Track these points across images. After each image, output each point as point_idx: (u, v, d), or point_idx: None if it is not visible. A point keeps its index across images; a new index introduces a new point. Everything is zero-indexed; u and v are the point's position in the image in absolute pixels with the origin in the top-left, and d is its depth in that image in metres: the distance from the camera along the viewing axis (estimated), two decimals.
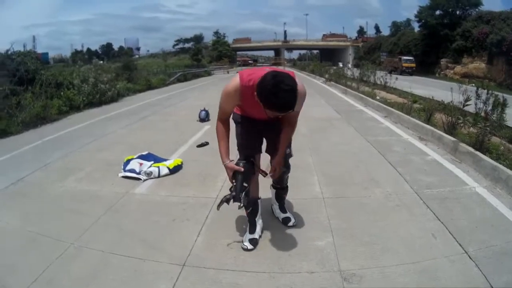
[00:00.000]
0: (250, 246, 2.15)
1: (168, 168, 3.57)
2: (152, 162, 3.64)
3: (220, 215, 2.60)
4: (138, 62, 22.59)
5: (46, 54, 44.39)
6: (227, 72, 31.33)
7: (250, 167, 2.01)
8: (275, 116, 1.80)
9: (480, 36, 23.15)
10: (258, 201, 2.28)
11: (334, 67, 21.87)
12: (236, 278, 1.89)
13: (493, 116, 4.45)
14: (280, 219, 2.48)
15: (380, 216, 2.56)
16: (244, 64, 51.71)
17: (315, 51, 70.21)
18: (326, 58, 51.53)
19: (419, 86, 12.56)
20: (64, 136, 5.63)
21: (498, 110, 4.48)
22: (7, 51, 8.39)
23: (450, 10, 26.99)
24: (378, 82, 11.67)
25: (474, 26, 24.31)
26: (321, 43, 60.77)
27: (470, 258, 2.00)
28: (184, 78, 20.83)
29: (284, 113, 1.71)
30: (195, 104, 8.38)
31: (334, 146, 4.62)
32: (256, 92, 1.70)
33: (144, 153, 3.93)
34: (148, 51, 64.18)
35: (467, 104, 4.57)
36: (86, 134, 5.69)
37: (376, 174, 3.43)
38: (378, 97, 8.75)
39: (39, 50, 37.91)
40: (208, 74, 28.29)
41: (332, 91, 12.53)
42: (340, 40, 58.60)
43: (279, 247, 2.17)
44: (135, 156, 3.79)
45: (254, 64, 58.59)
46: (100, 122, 6.92)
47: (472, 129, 4.37)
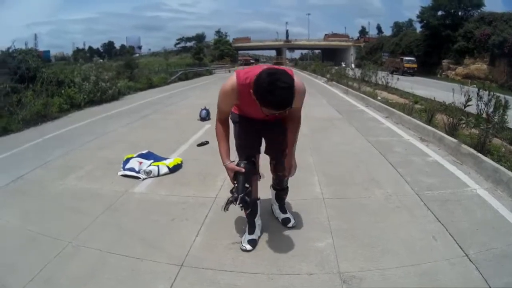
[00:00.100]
0: (249, 247, 2.14)
1: (167, 167, 3.56)
2: (151, 161, 3.63)
3: (219, 215, 2.58)
4: (139, 60, 22.67)
5: (48, 52, 44.53)
6: (229, 71, 31.26)
7: (251, 168, 2.00)
8: (272, 115, 1.76)
9: (482, 37, 23.10)
10: (257, 201, 2.26)
11: (336, 67, 21.78)
12: (234, 279, 1.88)
13: (494, 118, 4.42)
14: (280, 220, 2.47)
15: (381, 217, 2.55)
16: (245, 63, 51.50)
17: (316, 51, 70.02)
18: (328, 58, 51.50)
19: (420, 87, 12.55)
20: (65, 134, 5.63)
21: (500, 112, 4.45)
22: (8, 49, 8.38)
23: (452, 11, 26.94)
24: (380, 82, 11.64)
25: (476, 27, 24.28)
26: (323, 43, 60.61)
27: (471, 261, 1.98)
28: (185, 77, 20.80)
29: (281, 111, 1.67)
30: (196, 103, 8.37)
31: (335, 146, 4.61)
32: (252, 90, 1.67)
33: (144, 151, 3.92)
34: (149, 49, 64.27)
35: (468, 105, 4.54)
36: (87, 132, 5.69)
37: (376, 175, 3.41)
38: (379, 97, 8.71)
39: (40, 48, 38.11)
40: (210, 73, 28.28)
41: (334, 91, 12.51)
42: (342, 40, 58.45)
43: (278, 248, 2.15)
44: (135, 155, 3.78)
45: (255, 63, 58.52)
46: (101, 120, 6.91)
47: (474, 130, 4.34)
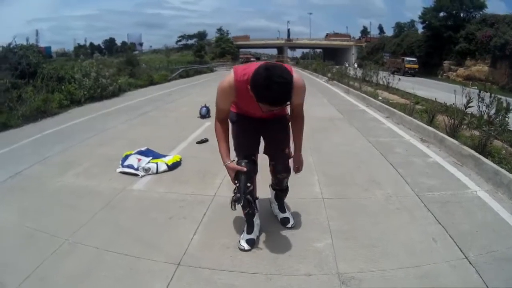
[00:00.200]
0: (247, 247, 2.11)
1: (166, 164, 3.54)
2: (150, 158, 3.61)
3: (218, 213, 2.58)
4: (140, 57, 22.61)
5: (49, 48, 44.56)
6: (230, 68, 31.15)
7: (252, 167, 1.97)
8: (270, 111, 1.73)
9: (483, 39, 23.08)
10: (256, 201, 2.23)
11: (337, 67, 21.73)
12: (232, 279, 1.86)
13: (496, 120, 4.40)
14: (279, 219, 2.45)
15: (381, 218, 2.52)
16: (246, 61, 51.51)
17: (318, 50, 69.94)
18: (329, 57, 51.36)
19: (421, 88, 12.50)
20: (65, 130, 5.61)
21: (501, 114, 4.43)
22: (9, 45, 8.36)
23: (454, 12, 26.92)
24: (381, 82, 11.62)
25: (478, 29, 24.25)
26: (324, 42, 60.45)
27: (471, 263, 1.97)
28: (186, 74, 20.78)
29: (278, 107, 1.65)
30: (196, 100, 8.33)
31: (336, 146, 4.58)
32: (249, 85, 1.65)
33: (143, 148, 3.90)
34: (151, 46, 63.94)
35: (469, 106, 4.52)
36: (87, 128, 5.66)
37: (377, 175, 3.39)
38: (380, 97, 8.69)
39: (42, 44, 38.10)
40: (211, 70, 28.22)
41: (335, 90, 12.47)
42: (344, 40, 58.25)
43: (276, 248, 2.13)
44: (133, 152, 3.76)
45: (256, 61, 58.24)
46: (100, 116, 6.89)
47: (475, 131, 4.33)
